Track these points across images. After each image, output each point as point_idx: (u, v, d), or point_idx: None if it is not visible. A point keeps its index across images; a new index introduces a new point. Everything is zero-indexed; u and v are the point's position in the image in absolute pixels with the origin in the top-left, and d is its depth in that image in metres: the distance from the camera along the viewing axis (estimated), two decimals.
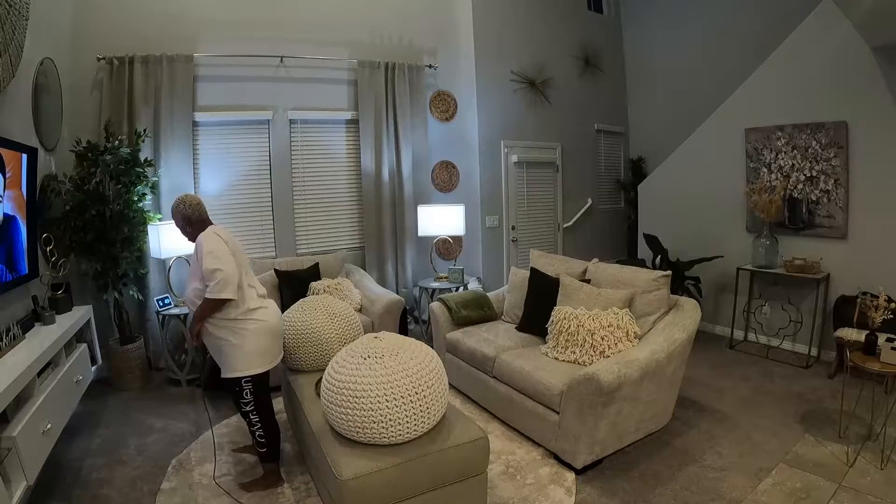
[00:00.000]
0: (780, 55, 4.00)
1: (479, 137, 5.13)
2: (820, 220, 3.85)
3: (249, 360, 2.27)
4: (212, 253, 2.17)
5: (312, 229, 4.66)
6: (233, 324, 2.24)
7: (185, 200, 2.37)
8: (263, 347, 2.30)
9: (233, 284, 2.16)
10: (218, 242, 2.22)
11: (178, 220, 2.38)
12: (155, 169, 3.85)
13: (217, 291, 2.14)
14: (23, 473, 1.90)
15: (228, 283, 2.15)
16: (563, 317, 2.90)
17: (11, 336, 2.34)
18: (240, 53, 4.15)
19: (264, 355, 2.32)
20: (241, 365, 2.26)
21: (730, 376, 3.66)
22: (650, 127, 6.27)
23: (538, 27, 5.50)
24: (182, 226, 2.39)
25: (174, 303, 3.82)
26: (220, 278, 2.12)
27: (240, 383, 2.27)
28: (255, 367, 2.28)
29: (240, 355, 2.25)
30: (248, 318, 2.27)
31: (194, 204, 2.38)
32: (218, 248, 2.20)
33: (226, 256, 2.18)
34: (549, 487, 2.36)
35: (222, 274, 2.13)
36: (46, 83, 3.21)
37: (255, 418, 2.32)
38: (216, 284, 2.13)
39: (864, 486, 2.27)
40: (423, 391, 1.89)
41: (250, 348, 2.27)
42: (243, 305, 2.26)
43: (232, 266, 2.17)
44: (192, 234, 2.37)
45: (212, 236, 2.25)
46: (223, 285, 2.14)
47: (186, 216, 2.36)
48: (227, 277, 2.14)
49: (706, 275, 4.44)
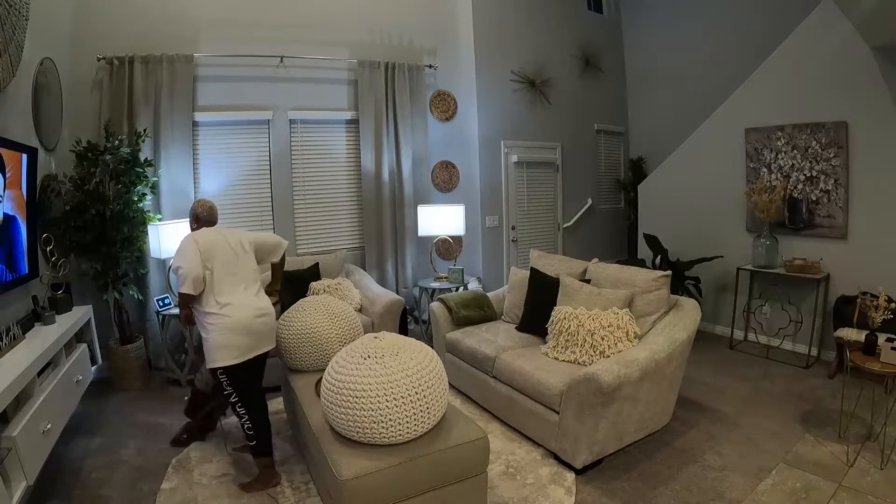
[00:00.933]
0: (780, 55, 4.00)
1: (479, 137, 5.13)
2: (820, 220, 3.85)
3: (217, 353, 2.35)
4: (179, 251, 2.41)
5: (312, 229, 4.66)
6: (203, 318, 2.39)
7: (201, 202, 2.65)
8: (229, 342, 2.35)
9: (189, 281, 2.31)
10: (188, 243, 2.42)
11: (190, 217, 2.64)
12: (155, 169, 3.85)
13: (179, 286, 2.36)
14: (23, 473, 1.90)
15: (186, 279, 2.31)
16: (563, 317, 2.90)
17: (11, 336, 2.34)
18: (240, 53, 4.15)
19: (230, 349, 2.35)
20: (211, 356, 2.35)
21: (730, 376, 3.66)
22: (650, 127, 6.27)
23: (538, 27, 5.50)
24: (190, 223, 2.64)
25: (174, 303, 3.82)
26: (179, 274, 2.33)
27: (216, 374, 2.38)
28: (223, 359, 2.35)
29: (210, 347, 2.36)
30: (215, 313, 2.36)
31: (206, 206, 2.64)
32: (185, 247, 2.41)
33: (189, 254, 2.36)
34: (549, 487, 2.36)
35: (181, 270, 2.33)
36: (46, 83, 3.21)
37: (240, 410, 2.38)
38: (178, 279, 2.36)
39: (864, 486, 2.27)
40: (424, 391, 1.89)
41: (217, 342, 2.35)
42: (212, 301, 2.37)
43: (192, 264, 2.33)
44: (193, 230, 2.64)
45: (187, 237, 2.46)
46: (181, 280, 2.33)
47: (195, 214, 2.61)
48: (184, 273, 2.31)
49: (706, 275, 4.44)
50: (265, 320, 2.49)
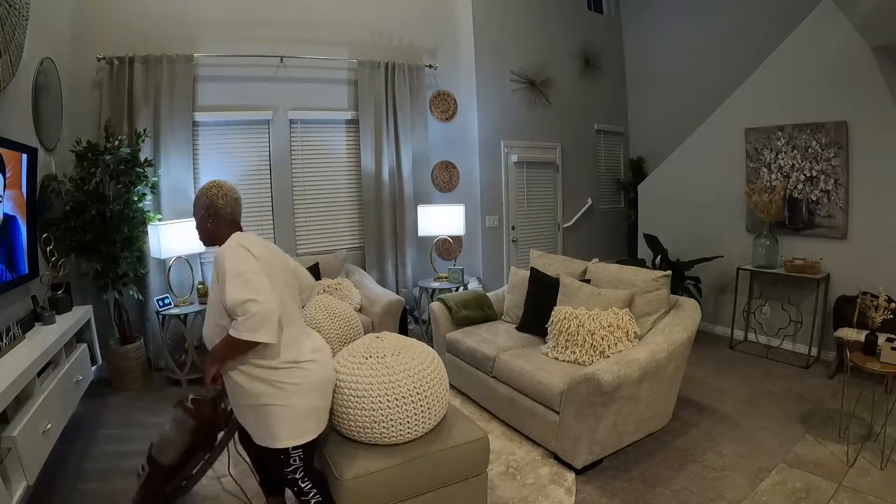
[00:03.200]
0: (780, 55, 4.00)
1: (479, 137, 5.13)
2: (820, 220, 3.85)
3: (301, 425, 1.68)
4: (240, 275, 1.55)
5: (312, 229, 4.66)
6: (274, 375, 1.63)
7: (221, 185, 1.78)
8: (314, 404, 1.73)
9: (272, 322, 1.54)
10: (247, 259, 1.61)
11: (200, 208, 1.76)
12: (155, 169, 3.85)
13: (248, 330, 1.51)
14: (23, 473, 1.90)
15: (266, 321, 1.53)
16: (563, 317, 2.90)
17: (11, 336, 2.34)
18: (240, 53, 4.15)
19: (316, 415, 1.74)
20: (288, 431, 1.66)
21: (730, 376, 3.66)
22: (650, 127, 6.27)
23: (538, 27, 5.50)
24: (202, 218, 1.76)
25: (174, 303, 3.82)
26: (253, 312, 1.50)
27: (287, 452, 1.69)
28: (310, 431, 1.71)
29: (287, 419, 1.65)
30: (296, 367, 1.67)
31: (231, 195, 1.78)
32: (248, 267, 1.58)
33: (260, 281, 1.57)
34: (549, 487, 2.36)
35: (257, 307, 1.51)
36: (46, 83, 3.21)
37: (306, 485, 1.75)
38: (247, 321, 1.50)
39: (864, 486, 2.27)
40: (424, 391, 1.89)
41: (302, 408, 1.68)
42: (291, 350, 1.67)
43: (270, 295, 1.57)
44: (212, 234, 1.78)
45: (237, 250, 1.63)
46: (258, 323, 1.51)
47: (214, 206, 1.74)
48: (264, 313, 1.52)
49: (706, 275, 4.44)
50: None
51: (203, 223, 1.79)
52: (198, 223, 1.81)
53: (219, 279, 1.61)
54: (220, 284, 1.59)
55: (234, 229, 1.77)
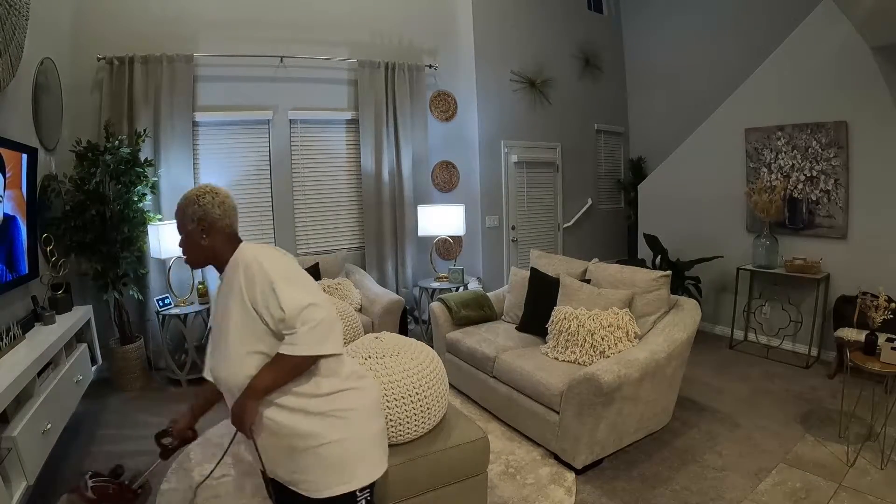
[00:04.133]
0: (780, 55, 4.00)
1: (479, 137, 5.13)
2: (820, 220, 3.85)
3: (371, 457, 1.42)
4: (289, 275, 1.31)
5: (312, 229, 4.66)
6: (330, 404, 1.34)
7: (216, 191, 1.41)
8: (380, 433, 1.48)
9: (339, 329, 1.34)
10: (289, 261, 1.37)
11: (189, 220, 1.37)
12: (155, 169, 3.85)
13: (316, 342, 1.26)
14: (23, 473, 1.90)
15: (333, 328, 1.30)
16: (563, 317, 2.90)
17: (11, 336, 2.34)
18: (240, 53, 4.15)
19: (384, 443, 1.51)
20: (355, 471, 1.37)
21: (730, 376, 3.66)
22: (650, 127, 6.27)
23: (538, 27, 5.50)
24: (193, 233, 1.38)
25: (174, 303, 3.82)
26: (319, 319, 1.25)
27: (353, 498, 1.37)
28: (381, 462, 1.46)
29: (353, 454, 1.37)
30: (352, 389, 1.39)
31: (229, 203, 1.42)
32: (294, 268, 1.36)
33: (312, 284, 1.36)
34: (549, 487, 2.36)
35: (322, 312, 1.26)
36: (46, 83, 3.21)
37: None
38: (313, 331, 1.24)
39: (864, 486, 2.27)
40: (424, 392, 1.89)
41: (368, 437, 1.42)
42: (342, 371, 1.40)
43: (328, 299, 1.36)
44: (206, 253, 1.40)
45: (271, 252, 1.38)
46: (325, 331, 1.27)
47: (210, 218, 1.37)
48: (330, 318, 1.29)
49: (706, 275, 4.44)
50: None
51: (194, 240, 1.38)
52: (185, 240, 1.40)
53: (254, 292, 1.27)
54: (261, 296, 1.26)
55: (235, 244, 1.40)
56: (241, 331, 1.31)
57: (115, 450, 2.80)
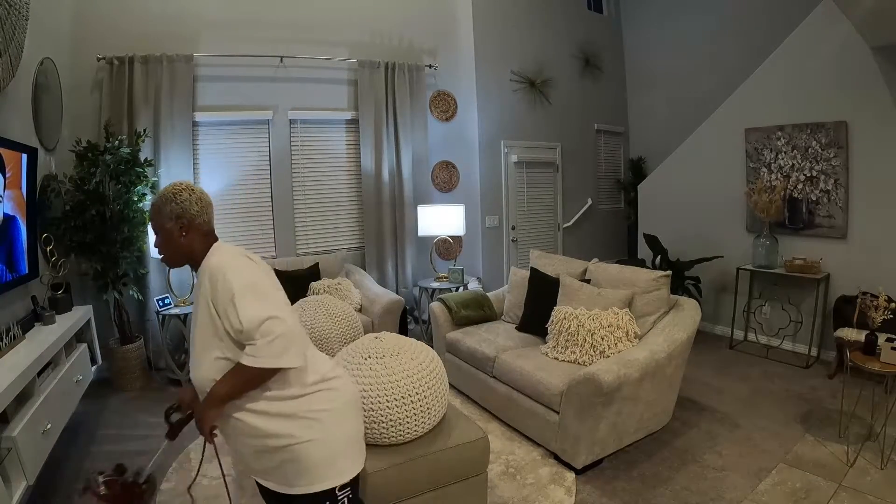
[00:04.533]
0: (780, 55, 4.00)
1: (479, 137, 5.13)
2: (820, 220, 3.85)
3: (346, 455, 1.43)
4: (253, 289, 1.30)
5: (312, 229, 4.66)
6: (300, 405, 1.34)
7: (192, 188, 1.42)
8: (356, 431, 1.49)
9: (298, 343, 1.32)
10: (253, 270, 1.35)
11: (167, 218, 1.37)
12: (155, 169, 3.85)
13: (273, 355, 1.25)
14: (23, 473, 1.90)
15: (292, 342, 1.29)
16: (563, 317, 2.90)
17: (11, 336, 2.34)
18: (240, 53, 4.15)
19: (360, 442, 1.51)
20: (332, 468, 1.38)
21: (730, 376, 3.66)
22: (650, 127, 6.27)
23: (538, 27, 5.50)
24: (172, 231, 1.38)
25: (174, 303, 3.82)
26: (277, 333, 1.25)
27: (332, 496, 1.38)
28: (355, 464, 1.45)
29: (326, 454, 1.37)
30: (325, 389, 1.40)
31: (206, 199, 1.44)
32: (258, 279, 1.34)
33: (276, 295, 1.36)
34: (549, 487, 2.36)
35: (281, 326, 1.26)
36: (46, 83, 3.21)
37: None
38: (270, 344, 1.24)
39: (864, 486, 2.27)
40: (424, 392, 1.89)
41: (342, 436, 1.42)
42: (315, 372, 1.40)
43: (290, 312, 1.36)
44: (184, 251, 1.40)
45: (238, 259, 1.37)
46: (284, 345, 1.27)
47: (188, 215, 1.37)
48: (289, 332, 1.28)
49: (706, 275, 4.44)
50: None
51: (172, 238, 1.38)
52: (162, 239, 1.40)
53: (216, 300, 1.28)
54: (221, 306, 1.28)
55: (211, 241, 1.42)
56: (206, 335, 1.33)
57: (115, 450, 2.80)
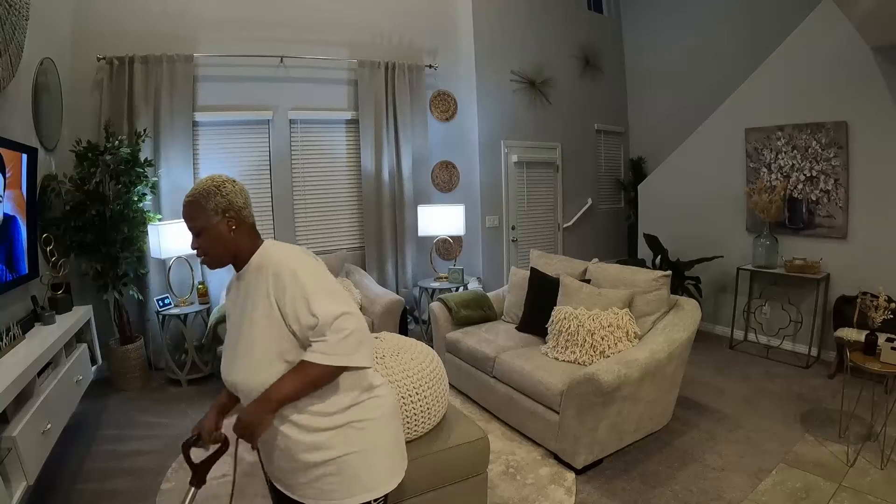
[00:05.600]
0: (780, 55, 4.00)
1: (479, 137, 5.13)
2: (820, 220, 3.85)
3: (390, 467, 1.39)
4: (323, 283, 1.25)
5: (312, 229, 4.66)
6: (343, 418, 1.29)
7: (234, 181, 1.33)
8: (397, 439, 1.46)
9: (370, 341, 1.28)
10: (318, 266, 1.31)
11: (214, 212, 1.27)
12: (155, 169, 3.85)
13: (346, 352, 1.21)
14: (23, 473, 1.90)
15: (364, 339, 1.25)
16: (563, 317, 2.90)
17: (11, 336, 2.34)
18: (240, 53, 4.14)
19: (399, 454, 1.46)
20: (376, 479, 1.34)
21: (730, 376, 3.66)
22: (650, 127, 6.27)
23: (538, 27, 5.50)
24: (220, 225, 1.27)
25: (174, 303, 3.82)
26: (350, 329, 1.20)
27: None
28: (396, 475, 1.41)
29: (373, 463, 1.33)
30: (372, 397, 1.36)
31: (246, 192, 1.35)
32: (325, 277, 1.28)
33: (342, 290, 1.30)
34: (549, 487, 2.36)
35: (354, 322, 1.21)
36: (46, 83, 3.21)
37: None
38: (344, 340, 1.19)
39: (864, 486, 2.27)
40: (424, 392, 1.89)
41: (387, 446, 1.38)
42: (362, 383, 1.34)
43: (356, 308, 1.28)
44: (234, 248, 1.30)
45: (302, 255, 1.32)
46: (356, 342, 1.22)
47: (235, 207, 1.29)
48: (361, 329, 1.24)
49: (706, 275, 4.44)
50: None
51: (220, 234, 1.27)
52: (208, 236, 1.27)
53: (283, 298, 1.21)
54: (290, 303, 1.21)
55: (256, 240, 1.34)
56: (266, 337, 1.24)
57: (116, 449, 2.80)
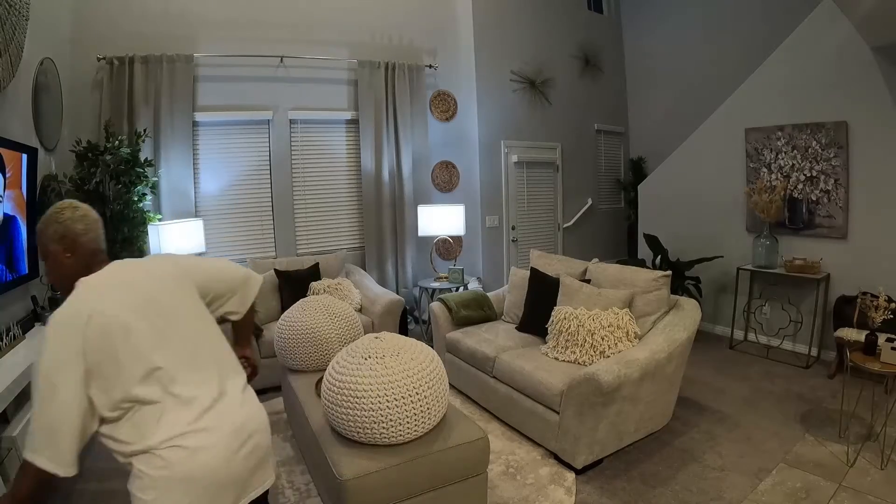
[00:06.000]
0: (780, 55, 4.00)
1: (479, 137, 5.13)
2: (820, 220, 3.85)
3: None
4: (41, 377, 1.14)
5: (312, 229, 4.66)
6: (133, 458, 1.23)
7: (76, 206, 1.32)
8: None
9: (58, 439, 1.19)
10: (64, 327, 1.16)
11: (51, 240, 1.26)
12: (155, 169, 3.85)
13: (30, 447, 1.17)
14: None
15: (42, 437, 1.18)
16: (563, 317, 2.90)
17: (11, 336, 2.34)
18: (240, 53, 4.15)
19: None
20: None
21: (730, 376, 3.66)
22: (650, 127, 6.27)
23: (538, 27, 5.50)
24: (57, 254, 1.26)
25: None
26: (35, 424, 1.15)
27: None
28: None
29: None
30: (148, 453, 1.20)
31: (92, 216, 1.33)
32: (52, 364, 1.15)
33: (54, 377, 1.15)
34: (549, 487, 2.36)
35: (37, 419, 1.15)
36: (46, 83, 3.21)
37: None
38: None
39: (864, 486, 2.27)
40: (424, 392, 1.89)
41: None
42: (146, 438, 1.19)
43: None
44: (70, 272, 1.26)
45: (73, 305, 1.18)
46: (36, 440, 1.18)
47: (72, 234, 1.27)
48: (44, 425, 1.17)
49: (706, 275, 4.44)
50: (257, 441, 1.32)
51: (58, 261, 1.25)
52: (49, 264, 1.26)
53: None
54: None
55: (97, 265, 1.28)
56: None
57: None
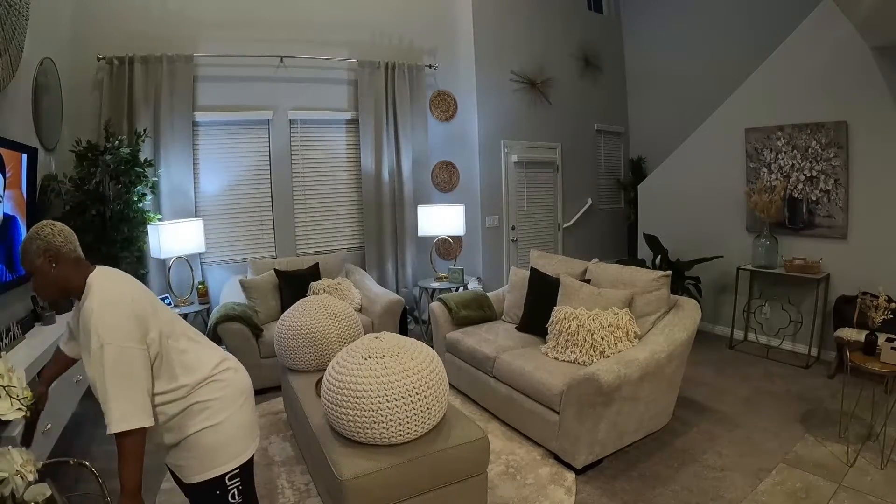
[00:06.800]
0: (779, 55, 4.00)
1: (479, 137, 5.13)
2: (820, 220, 3.85)
3: (236, 443, 1.53)
4: (105, 321, 1.34)
5: (312, 229, 4.66)
6: (194, 397, 1.48)
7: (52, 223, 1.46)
8: (245, 418, 1.58)
9: (134, 377, 1.38)
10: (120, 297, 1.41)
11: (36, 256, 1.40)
12: (155, 169, 3.85)
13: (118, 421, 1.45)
14: None
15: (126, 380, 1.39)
16: (563, 317, 2.90)
17: (11, 336, 2.34)
18: (240, 53, 4.15)
19: (250, 428, 1.60)
20: (218, 457, 1.49)
21: (730, 376, 3.66)
22: (650, 127, 6.27)
23: (538, 27, 5.50)
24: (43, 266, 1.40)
25: (174, 303, 3.82)
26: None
27: (223, 482, 1.49)
28: (243, 452, 1.55)
29: (214, 442, 1.48)
30: (213, 381, 1.52)
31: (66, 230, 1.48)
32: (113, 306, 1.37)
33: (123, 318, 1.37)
34: (549, 487, 2.36)
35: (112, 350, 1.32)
36: (46, 83, 3.21)
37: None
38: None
39: (864, 486, 2.27)
40: (424, 392, 1.89)
41: (234, 423, 1.53)
42: (205, 366, 1.53)
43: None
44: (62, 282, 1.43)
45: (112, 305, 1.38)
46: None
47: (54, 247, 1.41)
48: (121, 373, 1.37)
49: (706, 275, 4.44)
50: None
51: (44, 272, 1.41)
52: (36, 277, 1.42)
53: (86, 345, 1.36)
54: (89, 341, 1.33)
55: (83, 267, 1.46)
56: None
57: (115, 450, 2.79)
